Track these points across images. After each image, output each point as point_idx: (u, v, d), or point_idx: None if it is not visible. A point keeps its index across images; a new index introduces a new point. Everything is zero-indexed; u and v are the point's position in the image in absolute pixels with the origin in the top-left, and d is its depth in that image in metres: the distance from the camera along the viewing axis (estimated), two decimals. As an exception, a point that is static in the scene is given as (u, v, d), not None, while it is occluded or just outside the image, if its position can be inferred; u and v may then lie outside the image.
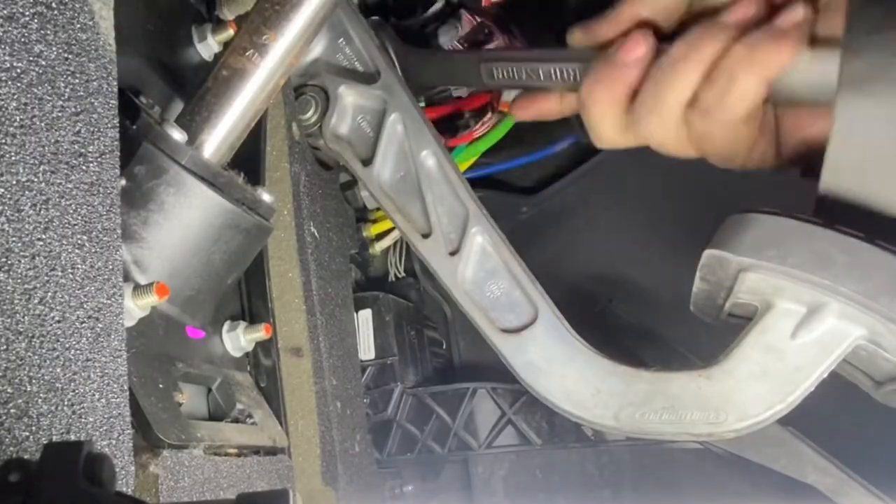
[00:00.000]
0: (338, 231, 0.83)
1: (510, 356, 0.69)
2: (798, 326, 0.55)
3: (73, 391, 0.41)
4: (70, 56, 0.44)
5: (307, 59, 0.76)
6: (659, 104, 0.61)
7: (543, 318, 0.69)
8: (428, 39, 0.89)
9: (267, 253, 0.70)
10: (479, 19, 0.89)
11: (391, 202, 0.75)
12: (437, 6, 0.87)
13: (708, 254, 0.56)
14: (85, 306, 0.43)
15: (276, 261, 0.71)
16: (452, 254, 0.72)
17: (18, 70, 0.41)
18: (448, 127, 0.93)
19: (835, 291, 0.52)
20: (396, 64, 0.79)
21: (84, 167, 0.44)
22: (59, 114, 0.43)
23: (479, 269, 0.72)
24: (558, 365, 0.67)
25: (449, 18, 0.89)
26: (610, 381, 0.64)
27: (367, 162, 0.75)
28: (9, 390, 0.38)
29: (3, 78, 0.40)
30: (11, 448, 0.37)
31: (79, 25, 0.45)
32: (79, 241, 0.43)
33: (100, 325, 0.44)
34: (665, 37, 0.64)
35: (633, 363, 0.64)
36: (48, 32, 0.43)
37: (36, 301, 0.40)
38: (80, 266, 0.43)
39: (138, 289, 0.51)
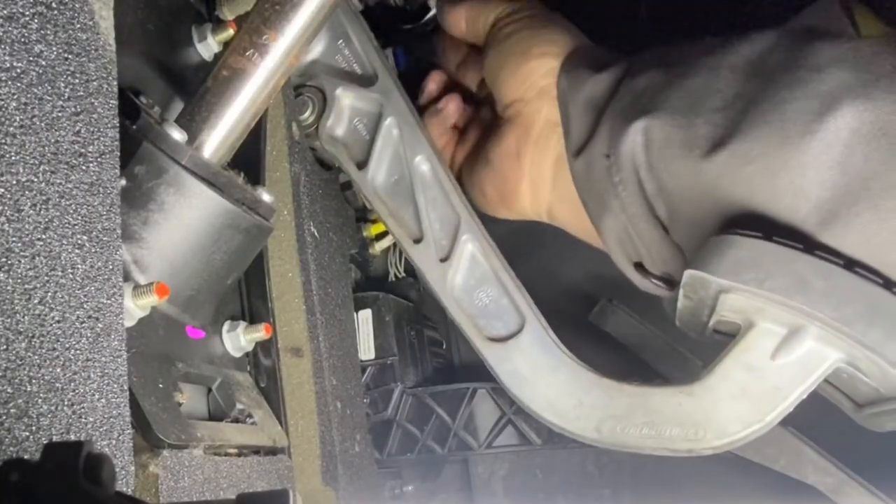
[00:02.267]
0: (338, 231, 0.83)
1: (495, 364, 0.69)
2: (778, 347, 0.55)
3: (73, 391, 0.41)
4: (70, 56, 0.44)
5: (306, 60, 0.76)
6: None
7: (530, 327, 0.69)
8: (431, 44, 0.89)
9: (267, 253, 0.70)
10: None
11: (384, 206, 0.75)
12: (433, 12, 0.87)
13: (688, 273, 0.56)
14: (85, 306, 0.43)
15: (276, 261, 0.71)
16: (443, 260, 0.72)
17: (18, 70, 0.41)
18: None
19: (811, 316, 0.52)
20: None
21: (84, 167, 0.44)
22: (59, 114, 0.43)
23: (469, 276, 0.72)
24: (542, 375, 0.67)
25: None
26: (593, 393, 0.64)
27: (361, 165, 0.75)
28: (9, 390, 0.38)
29: (3, 78, 0.40)
30: (11, 448, 0.37)
31: (79, 25, 0.45)
32: (79, 241, 0.43)
33: (100, 325, 0.44)
34: None
35: (617, 376, 0.64)
36: (48, 32, 0.43)
37: (36, 301, 0.40)
38: (80, 266, 0.43)
39: (138, 289, 0.51)
